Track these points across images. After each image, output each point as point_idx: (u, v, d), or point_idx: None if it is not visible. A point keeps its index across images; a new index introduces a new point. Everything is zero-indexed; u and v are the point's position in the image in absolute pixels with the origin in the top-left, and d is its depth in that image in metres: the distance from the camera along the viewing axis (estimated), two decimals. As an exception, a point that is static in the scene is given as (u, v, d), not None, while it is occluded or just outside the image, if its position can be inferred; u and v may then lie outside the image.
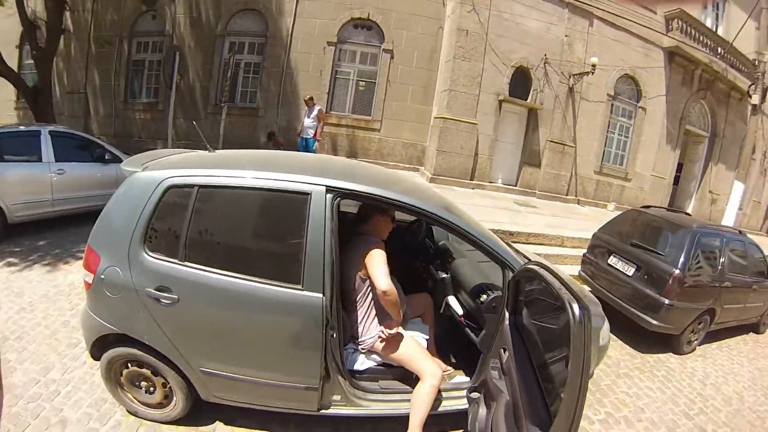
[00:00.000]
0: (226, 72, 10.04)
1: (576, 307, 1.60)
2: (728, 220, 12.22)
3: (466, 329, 2.88)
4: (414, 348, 2.59)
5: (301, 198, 2.27)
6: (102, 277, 2.31)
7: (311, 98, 9.08)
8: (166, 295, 2.24)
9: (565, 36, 11.54)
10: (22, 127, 5.72)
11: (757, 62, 12.60)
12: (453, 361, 3.24)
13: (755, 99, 12.52)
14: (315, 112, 8.86)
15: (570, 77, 11.69)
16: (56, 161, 5.45)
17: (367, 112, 10.91)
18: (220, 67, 11.03)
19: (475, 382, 2.63)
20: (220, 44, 11.28)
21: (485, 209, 8.55)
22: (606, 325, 3.21)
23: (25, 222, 5.25)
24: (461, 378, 2.95)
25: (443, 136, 10.07)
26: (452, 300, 3.08)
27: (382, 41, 10.95)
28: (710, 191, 15.89)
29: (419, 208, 2.43)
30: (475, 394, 2.55)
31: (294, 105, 9.98)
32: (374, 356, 2.69)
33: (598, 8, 11.87)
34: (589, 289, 5.54)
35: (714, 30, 14.66)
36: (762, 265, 6.18)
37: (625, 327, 5.18)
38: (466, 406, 2.60)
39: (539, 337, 2.25)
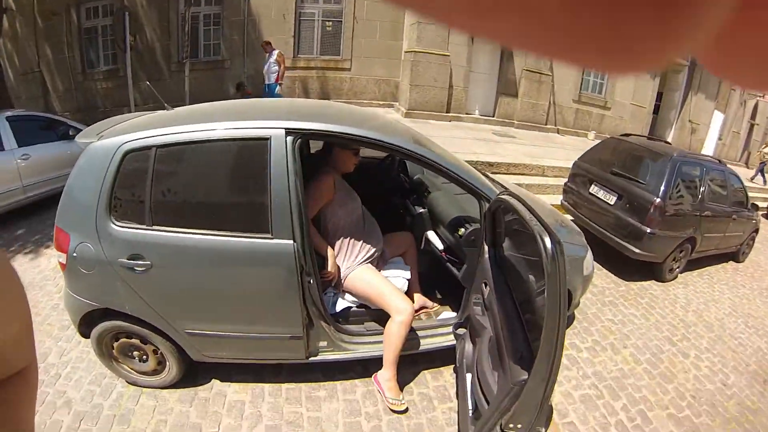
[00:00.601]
0: (183, 27, 9.65)
1: (548, 241, 1.56)
2: (708, 149, 12.28)
3: (448, 264, 2.82)
4: (380, 285, 2.53)
5: (261, 144, 2.20)
6: (74, 255, 2.26)
7: (268, 43, 8.84)
8: (138, 263, 2.21)
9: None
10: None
11: None
12: (439, 297, 3.21)
13: None
14: (274, 57, 8.65)
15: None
16: (19, 147, 5.16)
17: (336, 52, 10.58)
18: (178, 23, 10.50)
19: (461, 317, 2.60)
20: (174, -1, 10.74)
21: (463, 141, 8.39)
22: (589, 255, 3.20)
23: (-1, 214, 5.06)
24: (448, 314, 2.94)
25: (415, 69, 9.83)
26: (431, 235, 3.01)
27: (346, -23, 10.49)
28: (690, 121, 15.81)
29: (386, 142, 2.34)
30: (461, 330, 2.52)
31: (261, 53, 9.37)
32: (348, 296, 2.67)
33: None
34: (572, 218, 5.48)
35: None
36: (741, 195, 6.25)
37: (609, 256, 5.22)
38: (454, 342, 2.61)
39: (520, 270, 2.23)
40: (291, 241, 2.19)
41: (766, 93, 16.45)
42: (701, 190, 5.36)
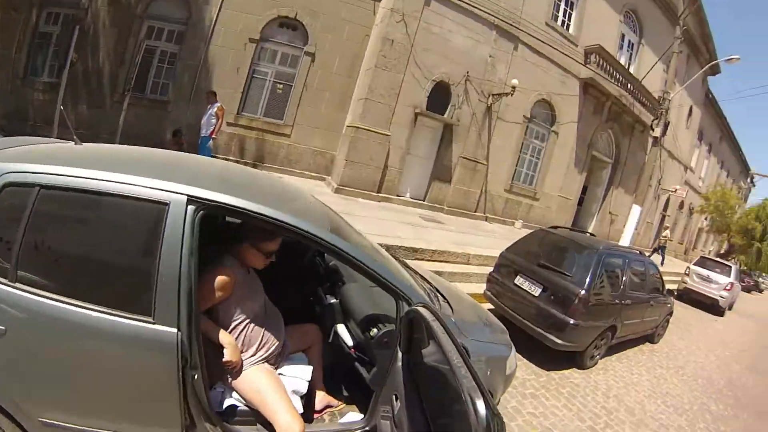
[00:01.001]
0: (135, 58, 9.56)
1: (481, 407, 1.35)
2: (626, 239, 13.37)
3: (356, 363, 2.60)
4: (271, 396, 2.17)
5: (157, 209, 1.88)
6: None
7: (213, 93, 8.76)
8: None
9: (490, 56, 11.95)
10: None
11: (662, 100, 13.74)
12: (345, 394, 2.90)
13: (657, 132, 13.70)
14: (214, 109, 8.55)
15: (489, 96, 12.16)
16: None
17: (280, 116, 10.65)
18: (134, 52, 10.47)
19: (367, 424, 2.32)
20: (137, 26, 10.54)
21: (389, 223, 8.47)
22: (513, 353, 3.11)
23: None
24: (354, 415, 2.61)
25: (354, 145, 10.05)
26: (341, 329, 2.74)
27: (305, 43, 10.74)
28: (610, 212, 17.25)
29: (301, 229, 2.06)
30: None
31: (205, 102, 9.14)
32: (235, 394, 2.31)
33: (524, 32, 12.46)
34: (492, 307, 5.72)
35: (626, 67, 15.77)
36: (658, 282, 6.82)
37: (531, 346, 5.20)
38: None
39: (435, 382, 1.99)
40: (175, 330, 1.85)
41: (676, 189, 18.19)
42: (623, 280, 5.64)
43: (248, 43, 10.51)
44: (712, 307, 13.00)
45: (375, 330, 2.48)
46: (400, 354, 2.14)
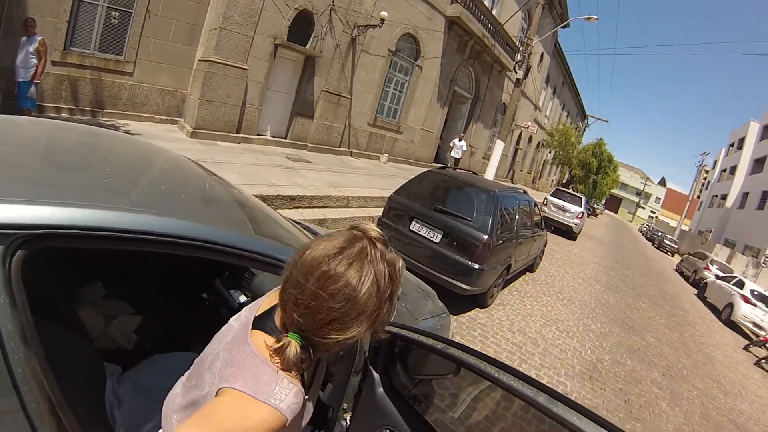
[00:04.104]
0: None
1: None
2: (491, 172, 14.76)
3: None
4: None
5: None
6: None
7: (31, 21, 6.89)
8: None
9: (357, -14, 11.60)
10: None
11: (525, 45, 14.85)
12: None
13: (520, 74, 14.93)
14: (36, 44, 6.79)
15: (355, 27, 11.95)
16: None
17: (119, 51, 8.95)
18: None
19: None
20: None
21: (257, 169, 7.88)
22: (449, 317, 2.98)
23: None
24: None
25: (208, 82, 9.27)
26: None
27: (143, -42, 9.09)
28: (470, 145, 18.83)
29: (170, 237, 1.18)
30: None
31: (22, 34, 6.96)
32: None
33: None
34: None
35: (490, 10, 16.61)
36: (538, 218, 7.54)
37: (434, 290, 5.11)
38: None
39: (434, 401, 1.69)
40: None
41: (528, 125, 20.39)
42: (516, 219, 5.90)
43: (65, -47, 8.54)
44: (567, 233, 15.22)
45: None
46: (376, 377, 1.62)
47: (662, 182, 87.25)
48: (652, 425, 4.36)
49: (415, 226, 5.33)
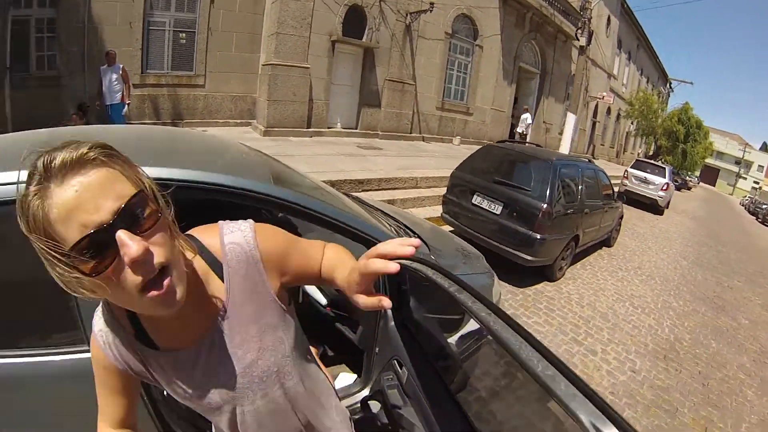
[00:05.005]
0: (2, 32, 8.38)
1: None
2: (565, 147, 13.72)
3: (337, 324, 2.34)
4: None
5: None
6: None
7: (113, 54, 7.80)
8: None
9: (403, -27, 11.41)
10: None
11: (584, 9, 13.86)
12: (330, 354, 2.58)
13: (583, 41, 13.88)
14: (119, 71, 7.70)
15: (407, 15, 11.75)
16: None
17: (189, 67, 9.76)
18: (2, 26, 9.11)
19: (364, 386, 1.97)
20: (1, -5, 9.36)
21: (327, 158, 8.05)
22: (496, 280, 2.90)
23: None
24: (347, 377, 2.26)
25: (273, 83, 9.58)
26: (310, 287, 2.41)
27: (200, -18, 9.79)
28: (544, 121, 17.69)
29: (237, 188, 1.60)
30: (374, 405, 1.82)
31: (106, 65, 7.85)
32: None
33: None
34: (453, 229, 5.56)
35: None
36: (609, 188, 6.92)
37: (498, 264, 4.98)
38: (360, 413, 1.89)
39: (442, 338, 1.78)
40: None
41: (603, 95, 18.77)
42: (580, 189, 5.65)
43: (133, -9, 9.48)
44: (651, 206, 13.67)
45: None
46: (389, 314, 1.81)
47: (765, 147, 77.79)
48: (733, 414, 3.71)
49: (476, 200, 5.39)
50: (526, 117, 15.07)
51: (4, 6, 8.95)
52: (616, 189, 7.80)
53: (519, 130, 15.13)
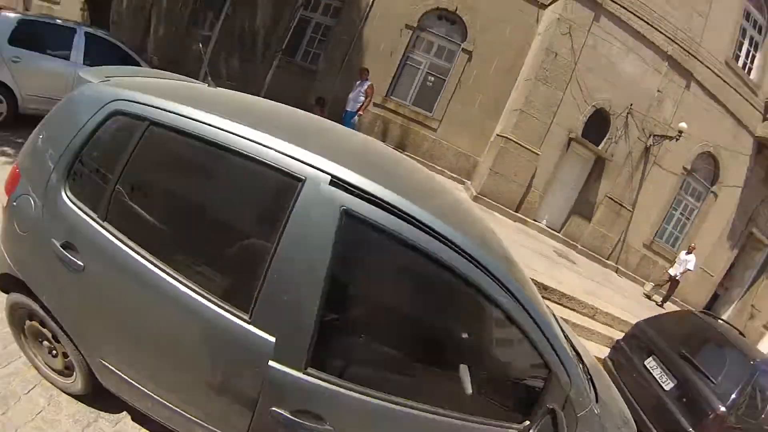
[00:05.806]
0: (290, 24, 9.92)
1: None
2: (766, 344, 11.15)
3: None
4: None
5: (288, 183, 1.46)
6: (14, 204, 1.78)
7: (366, 70, 8.49)
8: (69, 256, 1.63)
9: (658, 91, 10.41)
10: (59, 21, 5.56)
11: None
12: None
13: None
14: (365, 87, 8.23)
15: (651, 136, 10.60)
16: (84, 63, 5.25)
17: (429, 108, 10.18)
18: (289, 18, 10.50)
19: None
20: (294, -4, 10.72)
21: (524, 250, 7.63)
22: None
23: (36, 116, 4.93)
24: None
25: (501, 156, 9.26)
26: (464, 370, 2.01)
27: (463, 39, 10.14)
28: (752, 305, 14.56)
29: (452, 243, 1.49)
30: None
31: (354, 79, 8.94)
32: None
33: (699, 68, 10.68)
34: (610, 381, 4.72)
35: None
36: None
37: None
38: None
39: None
40: (272, 338, 1.43)
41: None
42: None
43: (404, 29, 10.17)
44: None
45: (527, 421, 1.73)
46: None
47: None
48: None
49: (650, 363, 4.78)
50: (689, 259, 10.45)
51: (296, 5, 10.21)
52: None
53: (671, 272, 10.80)
